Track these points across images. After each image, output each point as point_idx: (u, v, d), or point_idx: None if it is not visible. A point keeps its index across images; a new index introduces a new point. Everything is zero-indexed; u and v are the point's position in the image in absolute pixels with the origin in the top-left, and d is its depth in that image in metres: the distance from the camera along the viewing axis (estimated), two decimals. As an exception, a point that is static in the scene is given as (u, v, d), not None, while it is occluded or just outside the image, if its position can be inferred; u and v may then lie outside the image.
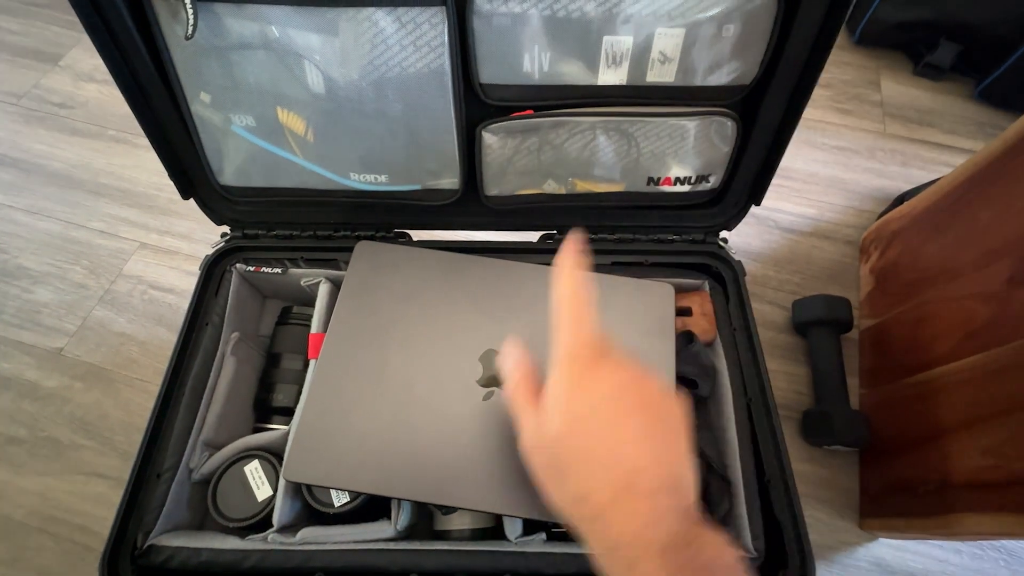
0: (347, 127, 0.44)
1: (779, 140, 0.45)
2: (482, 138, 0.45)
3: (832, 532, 0.63)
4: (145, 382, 0.69)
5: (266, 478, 0.45)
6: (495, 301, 0.46)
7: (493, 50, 0.39)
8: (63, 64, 0.99)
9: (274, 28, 0.38)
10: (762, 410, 0.46)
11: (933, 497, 0.51)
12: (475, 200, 0.50)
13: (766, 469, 0.44)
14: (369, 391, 0.42)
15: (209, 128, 0.45)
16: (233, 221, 0.53)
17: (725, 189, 0.50)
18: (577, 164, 0.47)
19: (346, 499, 0.44)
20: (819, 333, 0.71)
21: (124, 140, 0.90)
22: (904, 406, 0.60)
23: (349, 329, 0.45)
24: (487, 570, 0.40)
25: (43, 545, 0.60)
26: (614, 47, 0.39)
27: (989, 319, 0.50)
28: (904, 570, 0.61)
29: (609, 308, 0.47)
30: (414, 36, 0.39)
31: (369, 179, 0.48)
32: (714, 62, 0.40)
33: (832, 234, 0.83)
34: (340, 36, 0.39)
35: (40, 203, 0.83)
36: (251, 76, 0.41)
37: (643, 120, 0.44)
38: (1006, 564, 0.61)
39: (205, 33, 0.38)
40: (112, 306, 0.75)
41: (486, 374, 0.43)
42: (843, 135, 0.93)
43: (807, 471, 0.66)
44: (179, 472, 0.44)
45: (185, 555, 0.40)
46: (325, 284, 0.51)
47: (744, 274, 0.52)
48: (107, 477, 0.63)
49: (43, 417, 0.67)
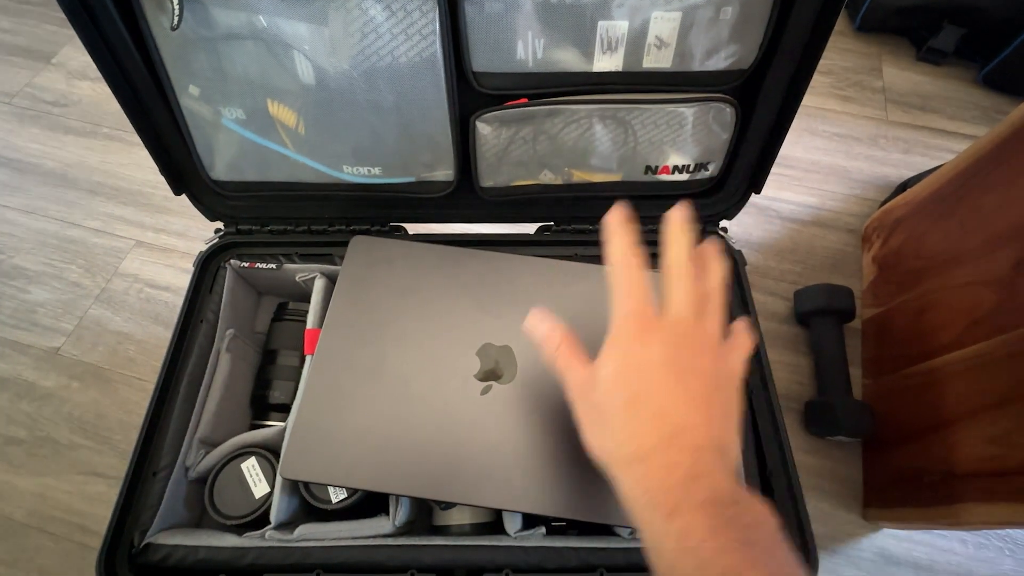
0: (338, 119, 0.43)
1: (779, 126, 0.45)
2: (476, 128, 0.44)
3: (836, 523, 0.62)
4: (143, 381, 0.69)
5: (263, 475, 0.45)
6: (492, 295, 0.45)
7: (485, 37, 0.39)
8: (56, 62, 0.98)
9: (262, 18, 0.37)
10: (764, 401, 0.45)
11: (938, 487, 0.51)
12: (470, 192, 0.49)
13: (768, 461, 0.43)
14: (366, 387, 0.42)
15: (199, 122, 0.44)
16: (226, 217, 0.52)
17: (725, 177, 0.49)
18: (573, 153, 0.46)
19: (344, 495, 0.43)
20: (821, 323, 0.70)
21: (118, 138, 0.89)
22: (908, 395, 0.59)
23: (345, 324, 0.44)
24: (487, 565, 0.39)
25: (42, 545, 0.59)
26: (609, 32, 0.38)
27: (995, 305, 0.49)
28: (908, 560, 0.60)
29: (608, 300, 0.46)
30: (405, 24, 0.38)
31: (362, 172, 0.47)
32: (712, 46, 0.39)
33: (834, 223, 0.82)
34: (329, 25, 0.38)
35: (35, 202, 0.83)
36: (240, 68, 0.40)
37: (640, 107, 0.43)
38: (1011, 553, 0.61)
39: (191, 24, 0.37)
40: (109, 305, 0.74)
41: (483, 368, 0.42)
42: (844, 122, 0.92)
43: (810, 462, 0.65)
44: (175, 470, 0.43)
45: (182, 553, 0.40)
46: (320, 279, 0.51)
47: (744, 263, 0.51)
48: (106, 476, 0.63)
49: (41, 417, 0.66)
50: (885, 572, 0.60)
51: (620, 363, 0.29)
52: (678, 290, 0.30)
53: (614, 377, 0.29)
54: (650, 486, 0.26)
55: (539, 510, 0.38)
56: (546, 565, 0.39)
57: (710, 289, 0.32)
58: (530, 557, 0.40)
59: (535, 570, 0.39)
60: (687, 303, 0.30)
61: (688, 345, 0.29)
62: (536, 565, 0.39)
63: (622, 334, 0.30)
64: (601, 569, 0.39)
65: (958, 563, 0.60)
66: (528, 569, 0.39)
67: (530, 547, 0.40)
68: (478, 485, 0.39)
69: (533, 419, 0.40)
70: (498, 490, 0.38)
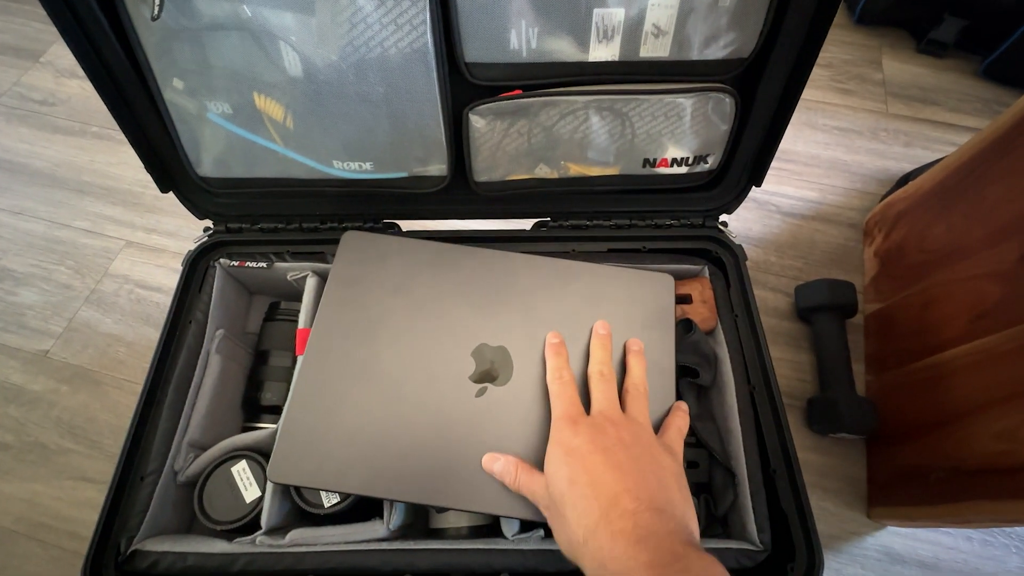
0: (328, 112, 0.42)
1: (780, 117, 0.44)
2: (469, 121, 0.43)
3: (840, 522, 0.61)
4: (133, 383, 0.67)
5: (254, 479, 0.44)
6: (488, 294, 0.44)
7: (478, 27, 0.37)
8: (43, 60, 0.97)
9: (246, 7, 0.36)
10: (766, 398, 0.44)
11: (944, 484, 0.50)
12: (464, 187, 0.48)
13: (771, 459, 0.42)
14: (357, 388, 0.40)
15: (184, 117, 0.43)
16: (215, 215, 0.51)
17: (724, 170, 0.48)
18: (569, 146, 0.45)
19: (336, 499, 0.42)
20: (823, 319, 0.69)
21: (107, 137, 0.88)
22: (912, 391, 0.58)
23: (336, 323, 0.43)
24: (483, 569, 0.39)
25: (31, 552, 0.58)
26: (605, 20, 0.37)
27: (1000, 299, 0.48)
28: (914, 559, 0.59)
29: (608, 300, 0.45)
30: (395, 14, 0.37)
31: (353, 167, 0.46)
32: (710, 34, 0.38)
33: (835, 217, 0.81)
34: (316, 15, 0.37)
35: (23, 203, 0.82)
36: (224, 59, 0.39)
37: (637, 98, 0.42)
38: (1017, 551, 0.60)
39: (173, 13, 0.36)
40: (98, 306, 0.73)
41: (479, 370, 0.41)
42: (845, 116, 0.91)
43: (813, 460, 0.64)
44: (163, 474, 0.42)
45: (171, 560, 0.39)
46: (312, 278, 0.50)
47: (745, 258, 0.50)
48: (95, 481, 0.62)
49: (29, 422, 0.65)
50: (890, 571, 0.59)
51: (559, 455, 0.34)
52: (598, 392, 0.38)
53: (556, 466, 0.34)
54: (603, 557, 0.29)
55: (534, 516, 0.37)
56: (544, 568, 0.38)
57: (631, 385, 0.39)
58: (528, 560, 0.39)
59: (533, 573, 0.39)
60: (607, 399, 0.37)
61: (612, 429, 0.35)
62: (534, 568, 0.38)
63: (557, 432, 0.36)
64: (601, 573, 0.38)
65: (964, 561, 0.59)
66: (526, 572, 0.39)
67: (528, 550, 0.39)
68: (473, 490, 0.38)
69: (529, 422, 0.39)
70: (494, 495, 0.37)
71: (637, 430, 0.35)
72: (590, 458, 0.33)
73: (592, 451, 0.33)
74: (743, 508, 0.41)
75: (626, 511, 0.30)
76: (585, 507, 0.31)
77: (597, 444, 0.33)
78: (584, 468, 0.32)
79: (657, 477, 0.33)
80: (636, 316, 0.44)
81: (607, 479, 0.31)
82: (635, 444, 0.34)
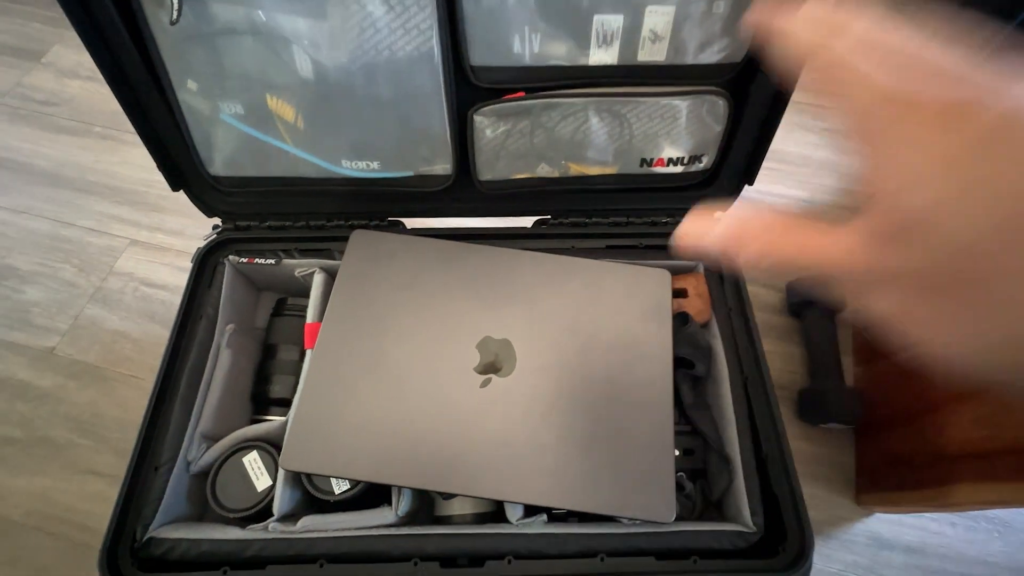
0: (337, 113, 0.43)
1: (771, 118, 0.45)
2: (474, 122, 0.44)
3: (829, 508, 0.63)
4: (140, 379, 0.68)
5: (265, 468, 0.45)
6: (492, 289, 0.46)
7: (483, 31, 0.39)
8: (46, 61, 0.98)
9: (260, 12, 0.38)
10: (759, 388, 0.46)
11: (928, 469, 0.52)
12: (468, 185, 0.49)
13: (764, 446, 0.44)
14: (366, 379, 0.42)
15: (197, 117, 0.44)
16: (224, 213, 0.52)
17: (718, 169, 0.50)
18: (570, 146, 0.47)
19: (346, 486, 0.44)
20: (813, 313, 0.71)
21: (111, 136, 0.89)
22: (897, 381, 0.61)
23: (345, 318, 0.44)
24: (489, 553, 0.40)
25: (41, 544, 0.59)
26: (605, 26, 0.39)
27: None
28: (900, 544, 0.61)
29: (607, 294, 0.47)
30: (403, 19, 0.38)
31: (361, 166, 0.47)
32: (705, 40, 0.40)
33: (824, 216, 0.83)
34: (328, 20, 0.38)
35: (27, 202, 0.82)
36: (238, 63, 0.40)
37: (635, 100, 0.43)
38: (1000, 535, 0.62)
39: (190, 18, 0.38)
40: (104, 304, 0.74)
41: (483, 361, 0.43)
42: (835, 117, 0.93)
43: (803, 449, 0.66)
44: (177, 464, 0.44)
45: (185, 546, 0.40)
46: (319, 274, 0.51)
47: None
48: (103, 475, 0.63)
49: (38, 417, 0.66)
50: (878, 556, 0.61)
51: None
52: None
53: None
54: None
55: (539, 501, 0.38)
56: (547, 551, 0.40)
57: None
58: (532, 544, 0.40)
59: (537, 556, 0.40)
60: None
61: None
62: (538, 551, 0.40)
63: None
64: (601, 554, 0.39)
65: (948, 545, 0.61)
66: (530, 555, 0.40)
67: (532, 534, 0.40)
68: (478, 477, 0.39)
69: (532, 412, 0.41)
70: (498, 482, 0.39)
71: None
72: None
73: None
74: (737, 492, 0.43)
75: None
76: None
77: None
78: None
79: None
80: (634, 310, 0.46)
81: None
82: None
